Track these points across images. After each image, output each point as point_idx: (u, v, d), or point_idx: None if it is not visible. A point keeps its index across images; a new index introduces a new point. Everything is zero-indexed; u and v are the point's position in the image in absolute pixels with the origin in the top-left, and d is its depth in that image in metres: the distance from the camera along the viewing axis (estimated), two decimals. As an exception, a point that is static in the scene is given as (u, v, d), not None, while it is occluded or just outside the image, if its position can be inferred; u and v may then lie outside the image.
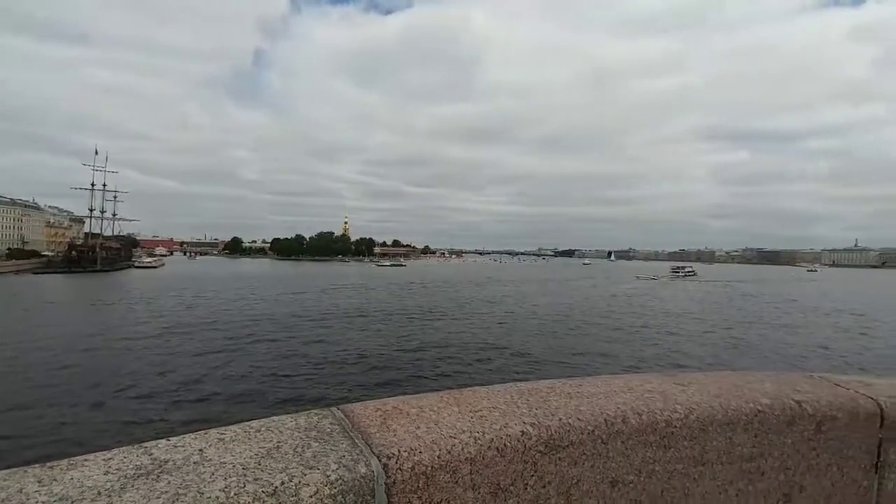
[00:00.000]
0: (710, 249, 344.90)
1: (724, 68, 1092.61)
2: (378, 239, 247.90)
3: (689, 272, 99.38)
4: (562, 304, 38.73)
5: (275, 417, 1.07)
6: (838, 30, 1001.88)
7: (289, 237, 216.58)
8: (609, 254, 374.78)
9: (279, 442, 0.94)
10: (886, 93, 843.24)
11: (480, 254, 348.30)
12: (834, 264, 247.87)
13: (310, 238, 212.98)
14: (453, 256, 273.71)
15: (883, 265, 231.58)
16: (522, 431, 1.02)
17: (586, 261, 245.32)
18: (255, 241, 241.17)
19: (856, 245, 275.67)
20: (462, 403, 1.15)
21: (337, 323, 26.08)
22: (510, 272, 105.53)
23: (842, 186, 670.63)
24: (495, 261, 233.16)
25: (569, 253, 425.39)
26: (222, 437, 0.96)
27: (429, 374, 15.71)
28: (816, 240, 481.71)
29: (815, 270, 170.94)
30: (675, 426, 1.12)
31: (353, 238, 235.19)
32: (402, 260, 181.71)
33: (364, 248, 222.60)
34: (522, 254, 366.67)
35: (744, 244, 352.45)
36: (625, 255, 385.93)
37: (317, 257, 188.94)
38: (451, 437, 0.99)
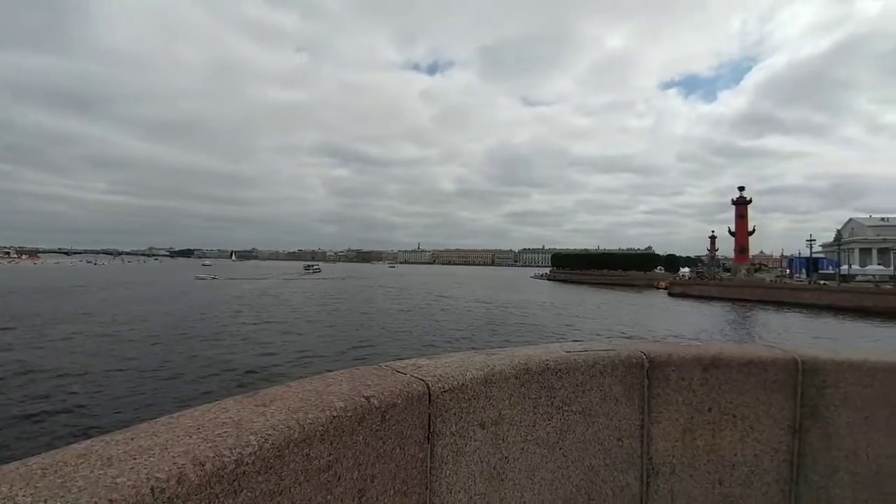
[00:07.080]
0: (322, 250, 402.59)
1: (339, 97, 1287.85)
2: None
3: (315, 269, 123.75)
4: (177, 310, 33.26)
5: None
6: (415, 90, 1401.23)
7: None
8: (231, 254, 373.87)
9: None
10: (438, 141, 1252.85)
11: (67, 254, 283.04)
12: (405, 262, 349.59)
13: None
14: (24, 257, 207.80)
15: (434, 262, 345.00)
16: None
17: (207, 261, 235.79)
18: None
19: (418, 247, 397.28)
20: None
21: None
22: (106, 277, 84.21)
23: (409, 204, 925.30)
24: (90, 262, 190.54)
25: (187, 253, 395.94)
26: None
27: None
28: (395, 242, 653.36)
29: (395, 266, 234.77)
30: (248, 463, 0.91)
31: None
32: None
33: None
34: (129, 254, 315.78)
35: (347, 245, 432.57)
36: (248, 255, 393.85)
37: None
38: None
